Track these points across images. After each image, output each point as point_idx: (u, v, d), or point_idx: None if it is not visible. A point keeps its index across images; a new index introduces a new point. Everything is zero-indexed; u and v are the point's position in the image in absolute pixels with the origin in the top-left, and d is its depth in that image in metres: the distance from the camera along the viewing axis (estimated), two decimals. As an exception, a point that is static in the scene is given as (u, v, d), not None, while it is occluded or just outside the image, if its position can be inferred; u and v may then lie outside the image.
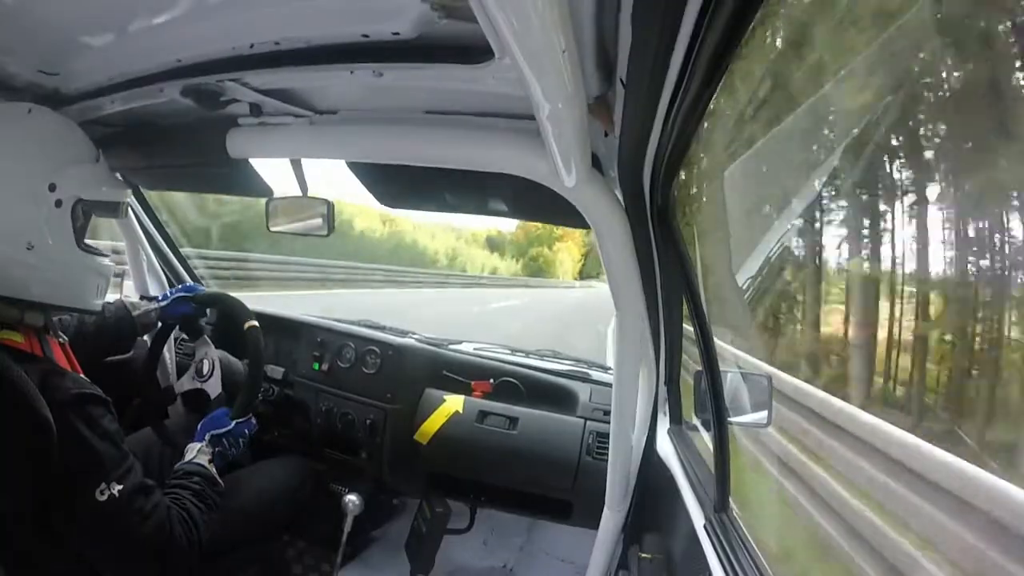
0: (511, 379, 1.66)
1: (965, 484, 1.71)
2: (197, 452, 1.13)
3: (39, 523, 0.85)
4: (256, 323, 1.35)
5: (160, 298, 1.43)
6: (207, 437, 1.16)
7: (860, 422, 2.23)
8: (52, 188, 0.93)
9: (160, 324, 1.41)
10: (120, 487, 0.86)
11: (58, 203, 0.94)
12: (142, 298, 1.77)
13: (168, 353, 1.72)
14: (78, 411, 0.85)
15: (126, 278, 1.84)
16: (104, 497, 0.84)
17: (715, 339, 1.09)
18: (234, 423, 1.21)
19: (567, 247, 36.93)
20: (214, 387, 1.34)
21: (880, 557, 1.84)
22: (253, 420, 1.27)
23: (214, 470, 1.12)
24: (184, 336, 1.72)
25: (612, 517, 1.27)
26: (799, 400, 2.59)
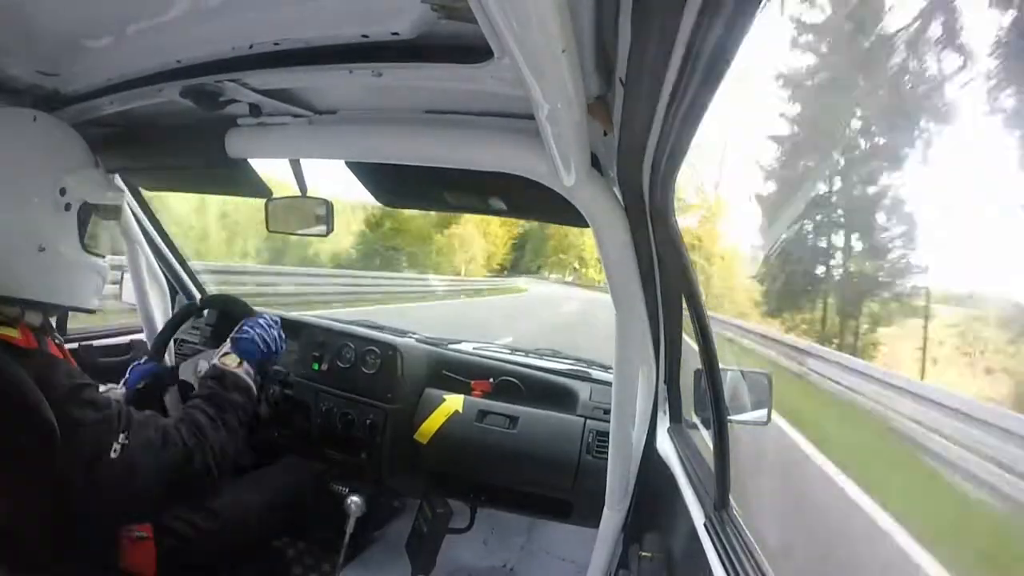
0: (511, 378, 1.66)
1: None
2: (219, 355, 1.18)
3: (40, 526, 0.85)
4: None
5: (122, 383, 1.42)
6: (229, 339, 1.21)
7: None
8: (62, 192, 0.96)
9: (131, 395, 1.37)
10: (124, 436, 0.90)
11: (67, 207, 0.96)
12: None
13: (169, 360, 1.71)
14: (75, 400, 0.87)
15: (124, 281, 1.83)
16: (116, 454, 0.88)
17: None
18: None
19: (491, 231, 23.88)
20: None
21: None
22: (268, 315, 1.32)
23: (231, 362, 1.15)
24: (181, 352, 1.73)
25: (612, 516, 1.27)
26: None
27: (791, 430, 4.60)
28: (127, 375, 1.40)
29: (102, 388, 1.35)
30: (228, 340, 1.21)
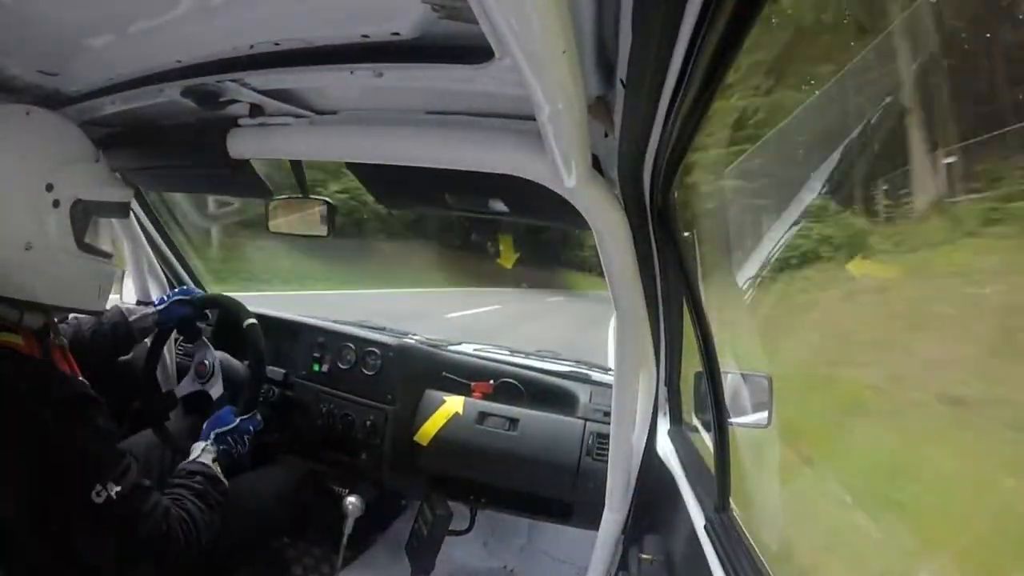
0: (511, 380, 1.66)
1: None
2: (202, 451, 1.13)
3: (39, 529, 0.85)
4: (255, 321, 1.37)
5: (157, 302, 1.43)
6: (212, 436, 1.17)
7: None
8: (49, 188, 0.92)
9: (157, 328, 1.41)
10: (118, 488, 0.85)
11: (56, 203, 0.92)
12: (139, 303, 1.76)
13: (168, 356, 1.71)
14: (73, 413, 0.85)
15: (125, 279, 1.84)
16: (101, 499, 0.83)
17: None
18: (239, 420, 1.22)
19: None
20: (216, 388, 1.34)
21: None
22: (258, 417, 1.27)
23: (218, 469, 1.11)
24: (182, 339, 1.73)
25: (612, 518, 1.27)
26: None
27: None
28: (165, 300, 1.41)
29: (134, 316, 1.38)
30: (213, 439, 1.16)
